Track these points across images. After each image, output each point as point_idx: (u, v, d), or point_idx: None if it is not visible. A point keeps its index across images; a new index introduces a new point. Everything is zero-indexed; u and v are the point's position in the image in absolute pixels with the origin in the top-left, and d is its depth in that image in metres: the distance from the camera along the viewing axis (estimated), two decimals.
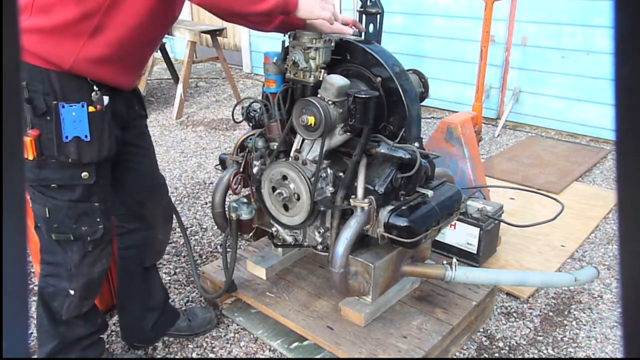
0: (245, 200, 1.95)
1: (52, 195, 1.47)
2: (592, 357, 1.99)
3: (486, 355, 2.00)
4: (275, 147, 1.80)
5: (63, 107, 1.37)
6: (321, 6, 1.53)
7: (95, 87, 1.41)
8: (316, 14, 1.52)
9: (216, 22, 4.98)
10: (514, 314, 2.21)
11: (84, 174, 1.45)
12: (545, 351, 2.02)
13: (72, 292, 1.59)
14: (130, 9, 1.38)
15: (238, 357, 1.97)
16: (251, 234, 2.01)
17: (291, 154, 1.77)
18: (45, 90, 1.36)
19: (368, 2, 1.86)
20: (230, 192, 1.97)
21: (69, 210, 1.49)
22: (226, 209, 2.03)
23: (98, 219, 1.53)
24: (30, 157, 1.40)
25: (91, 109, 1.40)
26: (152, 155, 1.81)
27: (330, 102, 1.61)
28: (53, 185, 1.45)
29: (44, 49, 1.34)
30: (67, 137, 1.39)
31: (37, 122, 1.38)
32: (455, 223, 2.38)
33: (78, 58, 1.36)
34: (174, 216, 1.94)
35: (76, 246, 1.54)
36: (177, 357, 1.98)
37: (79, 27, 1.34)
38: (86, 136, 1.41)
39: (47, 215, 1.49)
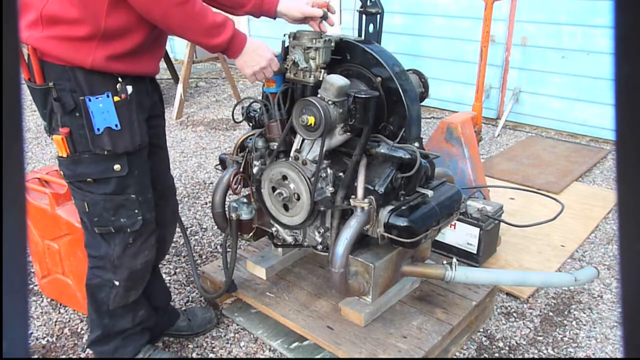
0: (245, 200, 1.95)
1: (89, 189, 1.52)
2: (592, 357, 1.99)
3: (486, 355, 2.00)
4: (275, 147, 1.80)
5: (89, 100, 1.41)
6: (252, 68, 1.60)
7: (119, 79, 1.45)
8: (245, 72, 1.62)
9: None
10: (514, 314, 2.21)
11: (116, 167, 1.49)
12: (545, 351, 2.02)
13: (117, 283, 1.64)
14: (129, 9, 1.39)
15: (238, 357, 1.97)
16: (251, 234, 2.01)
17: (291, 154, 1.77)
18: (71, 88, 1.40)
19: (368, 2, 1.86)
20: (230, 192, 1.97)
21: (106, 203, 1.53)
22: (226, 209, 2.03)
23: (136, 210, 1.57)
24: (64, 155, 1.45)
25: (116, 98, 1.44)
26: (167, 156, 1.85)
27: (330, 102, 1.61)
28: (89, 179, 1.50)
29: (62, 54, 1.38)
30: (98, 130, 1.43)
31: (68, 120, 1.42)
32: (455, 223, 2.38)
33: (95, 58, 1.39)
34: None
35: (118, 238, 1.59)
36: (177, 357, 1.98)
37: (88, 32, 1.37)
38: (116, 125, 1.44)
39: (87, 210, 1.54)
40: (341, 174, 1.75)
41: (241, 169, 1.95)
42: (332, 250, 1.67)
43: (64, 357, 1.98)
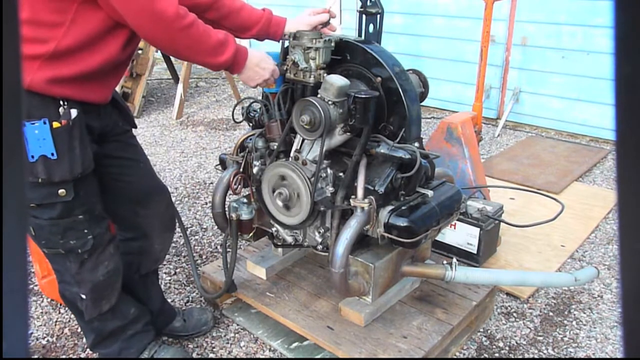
0: (245, 200, 1.95)
1: (33, 214, 1.44)
2: (592, 357, 1.99)
3: (486, 355, 2.00)
4: (275, 147, 1.80)
5: (24, 125, 1.32)
6: (256, 81, 1.64)
7: (61, 102, 1.37)
8: (249, 85, 1.65)
9: None
10: (514, 314, 2.21)
11: (61, 191, 1.41)
12: (545, 351, 2.02)
13: (83, 296, 1.60)
14: (88, 32, 1.36)
15: (238, 357, 1.97)
16: (251, 234, 2.01)
17: (291, 154, 1.77)
18: None
19: (368, 2, 1.86)
20: (230, 192, 1.97)
21: (53, 228, 1.46)
22: (226, 209, 2.03)
23: (85, 231, 1.51)
24: None
25: (55, 124, 1.35)
26: (142, 165, 1.76)
27: (330, 102, 1.61)
28: (32, 204, 1.41)
29: None
30: (32, 157, 1.34)
31: None
32: (455, 223, 2.38)
33: (34, 78, 1.32)
34: (176, 225, 1.93)
35: (71, 256, 1.53)
36: (177, 356, 1.97)
37: (34, 52, 1.32)
38: (53, 154, 1.36)
39: (33, 234, 1.47)
40: (341, 174, 1.75)
41: (241, 169, 1.94)
42: (332, 250, 1.67)
43: (64, 357, 1.98)
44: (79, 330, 2.10)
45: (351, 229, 1.65)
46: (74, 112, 1.39)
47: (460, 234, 2.42)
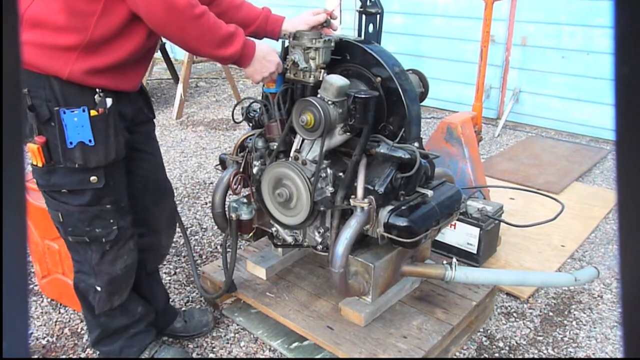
0: (245, 200, 1.95)
1: (64, 200, 1.50)
2: (592, 357, 1.99)
3: (486, 355, 2.00)
4: (275, 147, 1.81)
5: (64, 112, 1.38)
6: (262, 74, 1.64)
7: (97, 90, 1.42)
8: (254, 79, 1.65)
9: None
10: (514, 314, 2.21)
11: (93, 178, 1.47)
12: (545, 351, 2.02)
13: (98, 288, 1.63)
14: (118, 22, 1.39)
15: (238, 357, 1.97)
16: (251, 234, 2.01)
17: (291, 154, 1.77)
18: (47, 97, 1.38)
19: (368, 2, 1.86)
20: (230, 192, 1.97)
21: (81, 214, 1.51)
22: (226, 209, 2.03)
23: (112, 220, 1.55)
24: (40, 164, 1.42)
25: (93, 112, 1.41)
26: (158, 161, 1.82)
27: (330, 102, 1.61)
28: (63, 190, 1.47)
29: (38, 61, 1.35)
30: (71, 143, 1.41)
31: (43, 129, 1.40)
32: (455, 223, 2.38)
33: (73, 69, 1.37)
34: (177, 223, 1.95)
35: (94, 246, 1.58)
36: (177, 357, 1.97)
37: (71, 42, 1.35)
38: (90, 140, 1.42)
39: (61, 220, 1.53)
40: (341, 174, 1.75)
41: (241, 169, 1.95)
42: (332, 250, 1.67)
43: (64, 357, 1.98)
44: (79, 330, 2.10)
45: (351, 229, 1.65)
46: (109, 101, 1.44)
47: (460, 234, 2.42)
